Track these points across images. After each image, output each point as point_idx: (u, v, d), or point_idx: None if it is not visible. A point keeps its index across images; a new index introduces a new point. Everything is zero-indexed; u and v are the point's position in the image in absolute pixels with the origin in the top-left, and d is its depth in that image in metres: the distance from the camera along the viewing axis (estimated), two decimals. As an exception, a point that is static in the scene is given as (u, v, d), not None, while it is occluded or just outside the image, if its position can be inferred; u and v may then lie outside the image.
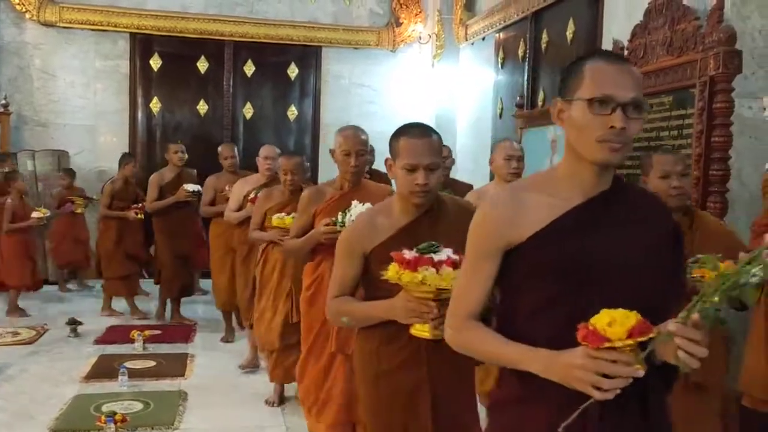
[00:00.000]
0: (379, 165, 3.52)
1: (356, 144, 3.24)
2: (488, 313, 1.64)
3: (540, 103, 6.57)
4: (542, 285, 1.50)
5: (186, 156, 6.41)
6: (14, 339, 5.85)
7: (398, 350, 2.23)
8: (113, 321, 6.53)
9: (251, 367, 5.19)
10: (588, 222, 1.51)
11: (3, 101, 8.04)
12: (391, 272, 2.05)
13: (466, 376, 2.35)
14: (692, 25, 4.03)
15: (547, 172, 1.64)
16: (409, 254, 2.04)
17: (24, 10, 8.29)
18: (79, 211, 7.51)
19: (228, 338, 5.98)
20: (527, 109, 6.60)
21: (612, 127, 1.45)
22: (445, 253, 2.04)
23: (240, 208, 5.23)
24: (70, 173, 7.82)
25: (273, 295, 4.30)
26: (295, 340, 3.96)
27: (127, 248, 6.69)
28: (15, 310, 6.61)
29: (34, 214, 6.54)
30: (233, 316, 6.06)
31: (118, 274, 6.68)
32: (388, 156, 2.32)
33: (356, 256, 2.30)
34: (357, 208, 3.02)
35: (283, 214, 4.17)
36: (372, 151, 4.09)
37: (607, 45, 5.25)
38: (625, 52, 4.75)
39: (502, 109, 7.52)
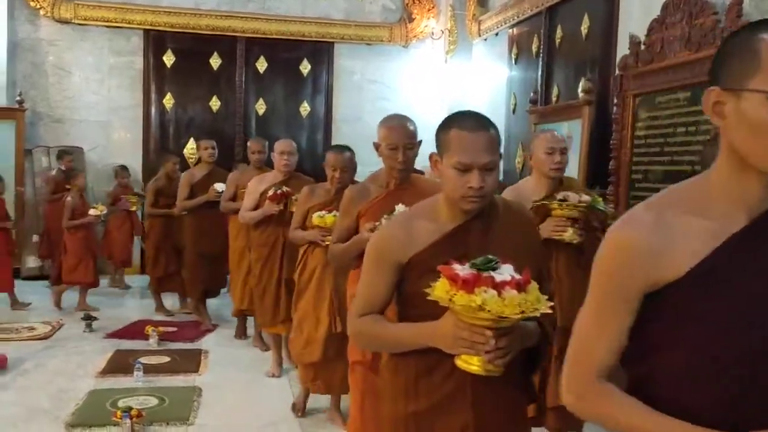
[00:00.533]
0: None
1: (404, 137, 2.91)
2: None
3: (554, 99, 6.54)
4: (700, 339, 1.15)
5: (216, 153, 6.14)
6: (30, 334, 5.89)
7: (439, 384, 1.80)
8: (132, 316, 6.55)
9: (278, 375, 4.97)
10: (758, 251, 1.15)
11: (18, 98, 8.09)
12: (440, 291, 1.64)
13: (520, 421, 1.94)
14: (711, 20, 4.00)
15: (692, 184, 1.24)
16: (462, 270, 1.63)
17: (39, 6, 8.34)
18: (133, 208, 7.60)
19: (241, 335, 5.95)
20: (541, 105, 6.57)
21: None
22: (507, 272, 1.64)
23: (257, 207, 4.90)
24: (126, 171, 7.84)
25: (313, 302, 3.96)
26: (336, 352, 3.77)
27: (172, 245, 6.67)
28: (84, 307, 6.65)
29: (91, 212, 6.58)
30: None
31: (164, 271, 6.68)
32: (434, 152, 1.90)
33: (389, 266, 1.87)
34: (401, 210, 2.73)
35: (323, 212, 3.85)
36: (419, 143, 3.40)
37: (623, 40, 5.20)
38: (642, 48, 4.72)
39: (515, 105, 7.49)
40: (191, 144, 8.88)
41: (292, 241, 4.26)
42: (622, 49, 5.18)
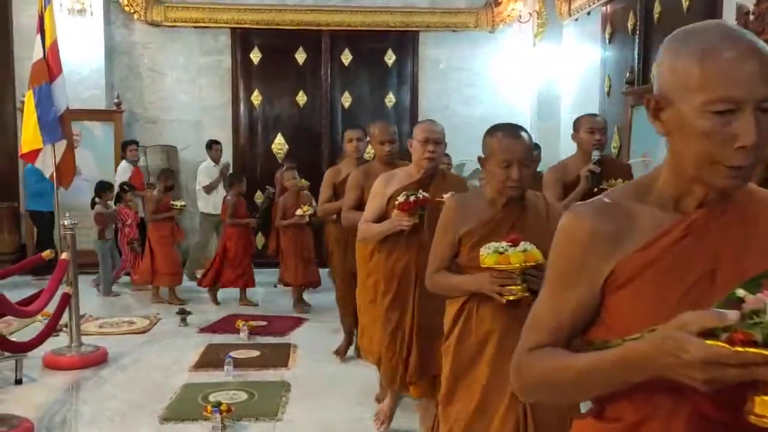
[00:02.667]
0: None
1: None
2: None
3: (653, 79, 6.14)
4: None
5: (364, 145, 5.06)
6: (129, 328, 6.09)
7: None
8: (222, 312, 6.66)
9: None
10: None
11: (116, 100, 8.40)
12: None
13: None
14: (831, -19, 3.59)
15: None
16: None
17: (132, 11, 8.62)
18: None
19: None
20: (638, 86, 6.19)
21: None
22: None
23: (382, 217, 3.50)
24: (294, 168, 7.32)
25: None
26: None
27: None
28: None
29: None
30: None
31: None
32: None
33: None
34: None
35: (504, 246, 2.69)
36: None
37: (729, 11, 4.81)
38: (751, 18, 4.32)
39: (610, 87, 7.11)
40: (279, 139, 8.97)
41: (365, 239, 3.58)
42: (728, 20, 4.79)
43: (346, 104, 9.16)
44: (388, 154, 4.10)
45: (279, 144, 9.01)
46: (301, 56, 9.02)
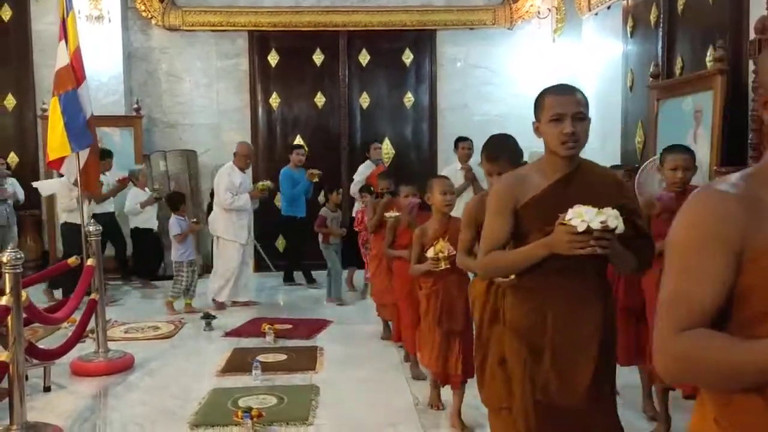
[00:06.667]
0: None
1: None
2: None
3: (677, 72, 6.04)
4: None
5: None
6: (155, 333, 6.07)
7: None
8: (247, 315, 6.64)
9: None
10: None
11: (135, 105, 8.41)
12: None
13: None
14: None
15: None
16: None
17: (150, 16, 8.63)
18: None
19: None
20: (663, 79, 6.09)
21: None
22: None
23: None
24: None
25: None
26: None
27: None
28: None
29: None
30: None
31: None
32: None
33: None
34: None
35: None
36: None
37: (756, 3, 4.71)
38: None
39: (633, 81, 7.01)
40: (298, 141, 8.94)
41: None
42: (757, 10, 4.69)
43: (365, 105, 9.12)
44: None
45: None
46: (318, 57, 8.99)
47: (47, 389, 4.58)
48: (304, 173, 7.80)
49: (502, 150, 3.08)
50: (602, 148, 7.25)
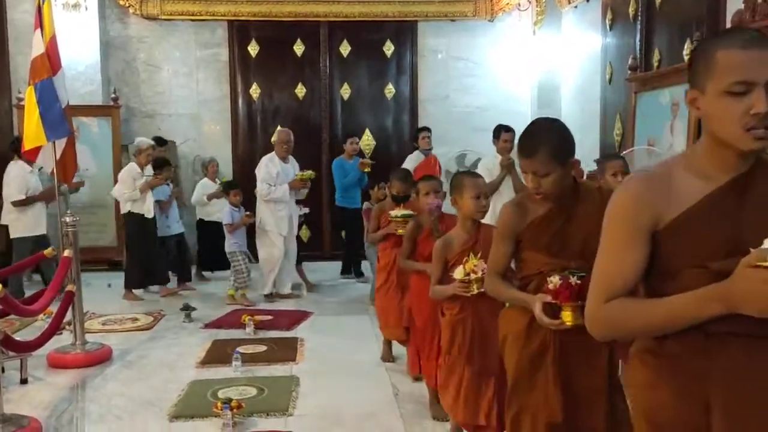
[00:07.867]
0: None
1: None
2: None
3: (655, 65, 6.09)
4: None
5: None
6: (134, 325, 6.03)
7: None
8: (225, 307, 6.62)
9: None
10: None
11: (113, 95, 8.32)
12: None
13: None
14: None
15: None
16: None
17: (128, 5, 8.53)
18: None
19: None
20: (641, 72, 6.14)
21: None
22: None
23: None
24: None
25: None
26: None
27: None
28: None
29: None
30: None
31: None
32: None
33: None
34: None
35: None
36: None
37: (734, -5, 4.76)
38: (759, 0, 4.27)
39: (611, 74, 7.06)
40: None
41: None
42: (734, 3, 4.75)
43: (346, 96, 9.09)
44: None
45: (278, 137, 8.93)
46: (299, 48, 8.94)
47: (24, 381, 4.54)
48: (356, 163, 7.65)
49: (539, 142, 2.34)
50: (581, 140, 7.28)
